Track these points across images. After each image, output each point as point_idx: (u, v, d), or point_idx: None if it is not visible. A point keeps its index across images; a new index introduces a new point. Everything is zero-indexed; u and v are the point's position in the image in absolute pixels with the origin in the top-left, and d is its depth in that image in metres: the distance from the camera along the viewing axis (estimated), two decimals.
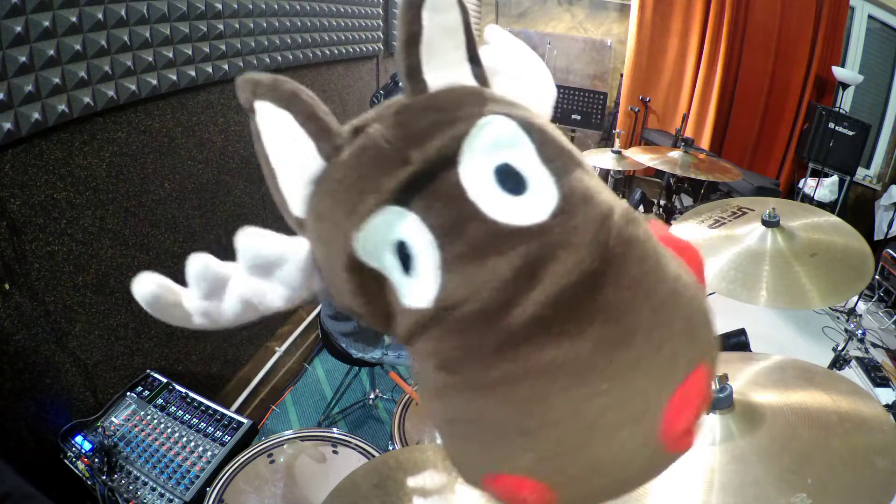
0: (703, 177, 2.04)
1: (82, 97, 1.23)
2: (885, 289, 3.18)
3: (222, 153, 1.82)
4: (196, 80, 1.60)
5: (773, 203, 1.20)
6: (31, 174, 1.17)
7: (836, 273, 1.01)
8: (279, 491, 1.06)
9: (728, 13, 4.06)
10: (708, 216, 1.27)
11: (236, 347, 2.05)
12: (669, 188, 2.72)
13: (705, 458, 0.62)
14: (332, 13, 2.33)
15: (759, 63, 4.17)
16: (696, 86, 4.33)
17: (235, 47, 1.75)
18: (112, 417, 1.39)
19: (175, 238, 1.65)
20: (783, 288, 1.01)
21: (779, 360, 0.79)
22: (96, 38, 1.24)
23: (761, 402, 0.67)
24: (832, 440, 0.60)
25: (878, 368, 2.53)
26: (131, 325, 1.52)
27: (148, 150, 1.50)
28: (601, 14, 4.81)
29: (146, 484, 1.24)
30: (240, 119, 1.89)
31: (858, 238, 1.10)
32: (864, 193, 3.92)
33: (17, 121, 1.09)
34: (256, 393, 2.12)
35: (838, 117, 3.54)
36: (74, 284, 1.32)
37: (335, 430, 1.18)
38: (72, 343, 1.34)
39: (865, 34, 3.92)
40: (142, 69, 1.39)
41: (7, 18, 1.04)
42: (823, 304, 1.00)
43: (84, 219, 1.32)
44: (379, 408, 2.20)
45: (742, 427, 0.64)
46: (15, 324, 1.19)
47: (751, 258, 1.09)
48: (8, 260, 1.15)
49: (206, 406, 1.40)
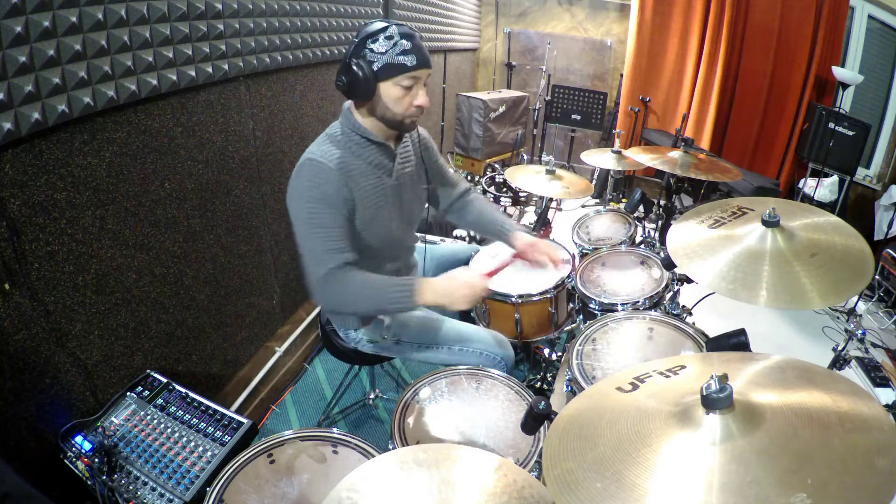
0: (703, 177, 2.04)
1: (82, 97, 1.23)
2: (885, 289, 3.18)
3: (222, 153, 1.82)
4: (196, 80, 1.60)
5: (773, 203, 1.20)
6: (31, 174, 1.17)
7: (836, 273, 1.01)
8: (279, 491, 1.06)
9: (728, 13, 4.06)
10: (708, 216, 1.27)
11: (236, 347, 2.05)
12: (669, 188, 2.72)
13: (705, 458, 0.62)
14: (332, 13, 2.33)
15: (759, 63, 4.18)
16: (696, 86, 4.33)
17: (235, 47, 1.76)
18: (112, 417, 1.39)
19: (175, 238, 1.65)
20: (783, 288, 1.01)
21: (779, 360, 0.79)
22: (96, 38, 1.24)
23: (761, 402, 0.67)
24: (832, 440, 0.60)
25: (878, 368, 2.53)
26: (131, 325, 1.52)
27: (148, 150, 1.50)
28: (601, 14, 4.82)
29: (146, 484, 1.24)
30: (240, 119, 1.89)
31: (858, 238, 1.10)
32: (864, 193, 3.92)
33: (17, 121, 1.09)
34: (256, 393, 2.12)
35: (838, 117, 3.54)
36: (74, 284, 1.32)
37: (335, 430, 1.18)
38: (72, 343, 1.34)
39: (865, 34, 3.92)
40: (142, 69, 1.39)
41: (7, 18, 1.04)
42: (823, 304, 0.99)
43: (84, 219, 1.32)
44: (379, 408, 2.21)
45: (742, 427, 0.64)
46: (15, 324, 1.19)
47: (751, 258, 1.09)
48: (8, 260, 1.15)
49: (206, 406, 1.40)
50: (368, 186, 1.38)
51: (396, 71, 1.28)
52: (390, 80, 1.29)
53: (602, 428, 0.73)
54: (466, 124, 4.25)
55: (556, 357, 2.08)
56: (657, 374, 0.83)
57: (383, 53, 1.27)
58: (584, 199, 4.52)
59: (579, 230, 2.38)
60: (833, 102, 3.81)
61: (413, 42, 1.28)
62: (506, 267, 1.49)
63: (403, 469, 0.88)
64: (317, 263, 1.32)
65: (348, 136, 1.38)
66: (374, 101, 1.33)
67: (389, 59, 1.27)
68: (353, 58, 1.28)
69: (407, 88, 1.31)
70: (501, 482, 0.87)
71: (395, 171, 1.45)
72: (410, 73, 1.29)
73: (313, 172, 1.31)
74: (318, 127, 2.40)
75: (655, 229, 2.85)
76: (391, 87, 1.30)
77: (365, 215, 1.38)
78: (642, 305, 1.73)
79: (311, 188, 1.30)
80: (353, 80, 1.29)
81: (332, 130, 1.41)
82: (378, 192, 1.41)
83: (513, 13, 5.03)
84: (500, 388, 1.35)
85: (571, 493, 0.64)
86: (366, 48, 1.27)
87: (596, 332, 1.51)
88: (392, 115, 1.34)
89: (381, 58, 1.27)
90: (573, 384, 1.37)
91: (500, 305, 1.81)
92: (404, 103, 1.32)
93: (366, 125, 1.38)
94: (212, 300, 1.86)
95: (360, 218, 1.38)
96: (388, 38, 1.26)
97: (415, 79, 1.31)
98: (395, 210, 1.47)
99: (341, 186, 1.32)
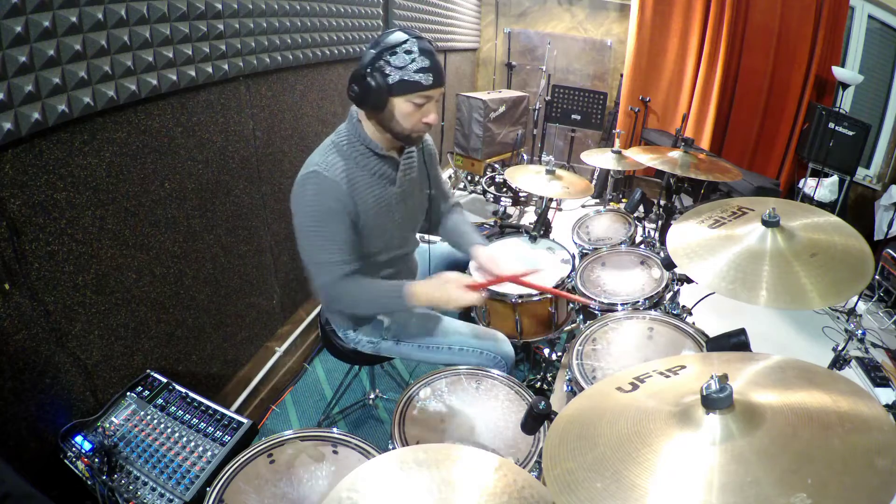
0: (703, 177, 2.04)
1: (82, 97, 1.23)
2: (885, 289, 3.18)
3: (222, 153, 1.82)
4: (196, 80, 1.60)
5: (773, 203, 1.20)
6: (31, 174, 1.17)
7: (836, 273, 1.01)
8: (279, 491, 1.06)
9: (728, 13, 4.06)
10: (708, 216, 1.27)
11: (236, 347, 2.05)
12: (669, 188, 2.72)
13: (705, 458, 0.62)
14: (332, 13, 2.33)
15: (759, 63, 4.18)
16: (696, 86, 4.33)
17: (235, 47, 1.76)
18: (112, 417, 1.39)
19: (175, 238, 1.65)
20: (783, 288, 1.01)
21: (779, 360, 0.79)
22: (96, 38, 1.24)
23: (761, 402, 0.67)
24: (832, 440, 0.60)
25: (878, 368, 2.53)
26: (131, 325, 1.52)
27: (148, 150, 1.50)
28: (601, 14, 4.82)
29: (146, 484, 1.24)
30: (240, 119, 1.89)
31: (858, 238, 1.10)
32: (864, 193, 3.92)
33: (17, 121, 1.09)
34: (256, 393, 2.12)
35: (838, 117, 3.54)
36: (74, 284, 1.32)
37: (335, 430, 1.18)
38: (72, 343, 1.34)
39: (865, 34, 3.92)
40: (142, 69, 1.39)
41: (7, 18, 1.04)
42: (823, 304, 0.99)
43: (84, 219, 1.32)
44: (379, 408, 2.21)
45: (742, 427, 0.64)
46: (15, 324, 1.19)
47: (751, 258, 1.09)
48: (8, 260, 1.15)
49: (206, 406, 1.40)
50: (371, 197, 1.39)
51: (411, 88, 1.26)
52: (403, 97, 1.27)
53: (602, 428, 0.73)
54: (466, 124, 4.25)
55: (556, 357, 2.08)
56: (657, 374, 0.83)
57: (400, 68, 1.24)
58: (584, 199, 4.52)
59: (579, 230, 2.39)
60: (833, 102, 3.81)
61: (432, 60, 1.27)
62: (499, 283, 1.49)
63: (403, 469, 0.88)
64: (319, 273, 1.36)
65: (353, 147, 1.38)
66: (384, 113, 1.31)
67: (406, 76, 1.25)
68: (369, 68, 1.26)
69: (419, 105, 1.29)
70: (501, 482, 0.87)
71: (398, 179, 1.46)
72: (425, 92, 1.28)
73: (319, 186, 1.31)
74: (318, 127, 2.40)
75: (655, 229, 2.85)
76: (403, 102, 1.28)
77: (368, 223, 1.40)
78: (642, 305, 1.73)
79: (316, 203, 1.31)
80: (365, 91, 1.27)
81: (337, 138, 1.40)
82: (381, 201, 1.42)
83: (513, 13, 5.03)
84: (500, 388, 1.35)
85: (571, 493, 0.64)
86: (382, 60, 1.25)
87: (596, 332, 1.51)
88: (401, 129, 1.34)
89: (398, 73, 1.25)
90: (573, 384, 1.37)
91: (500, 305, 1.81)
92: (413, 119, 1.32)
93: (373, 136, 1.38)
94: (212, 300, 1.86)
95: (362, 226, 1.39)
96: (408, 52, 1.24)
97: (428, 98, 1.30)
98: (397, 217, 1.48)
99: (346, 200, 1.33)
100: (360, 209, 1.36)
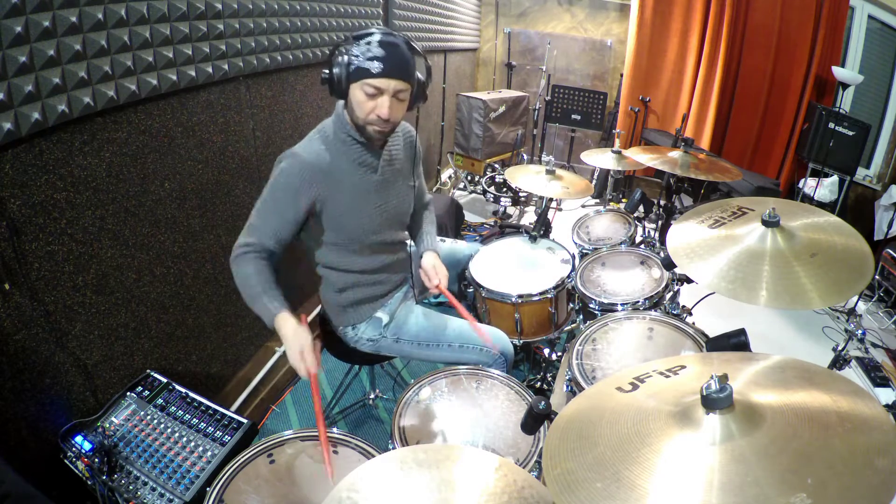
0: (703, 177, 2.04)
1: (82, 97, 1.23)
2: (885, 289, 3.18)
3: (222, 153, 1.82)
4: (196, 80, 1.60)
5: (773, 203, 1.20)
6: (31, 174, 1.17)
7: (836, 273, 1.01)
8: (279, 491, 1.06)
9: (728, 13, 4.06)
10: (708, 216, 1.27)
11: (236, 347, 2.05)
12: (669, 188, 2.72)
13: (705, 458, 0.62)
14: (332, 13, 2.33)
15: (759, 63, 4.18)
16: (696, 86, 4.33)
17: (235, 47, 1.76)
18: (112, 417, 1.39)
19: (175, 238, 1.65)
20: (783, 288, 1.01)
21: (779, 360, 0.79)
22: (96, 38, 1.24)
23: (761, 402, 0.67)
24: (832, 440, 0.60)
25: (878, 368, 2.53)
26: (131, 325, 1.52)
27: (148, 150, 1.50)
28: (601, 14, 4.82)
29: (146, 484, 1.24)
30: (240, 119, 1.89)
31: (858, 238, 1.09)
32: (864, 193, 3.92)
33: (17, 121, 1.09)
34: (256, 393, 2.12)
35: (838, 117, 3.54)
36: (74, 284, 1.32)
37: (335, 430, 1.18)
38: (72, 343, 1.34)
39: (865, 34, 3.92)
40: (142, 69, 1.39)
41: (7, 18, 1.04)
42: (823, 304, 0.99)
43: (84, 219, 1.32)
44: (379, 408, 2.21)
45: (742, 427, 0.64)
46: (15, 324, 1.19)
47: (751, 258, 1.09)
48: (8, 260, 1.15)
49: (206, 406, 1.40)
50: (349, 183, 1.42)
51: (361, 75, 1.30)
52: (357, 83, 1.32)
53: (602, 428, 0.73)
54: (466, 124, 4.25)
55: (556, 357, 2.08)
56: (657, 374, 0.83)
57: (357, 56, 1.29)
58: (584, 199, 4.52)
59: (579, 230, 2.39)
60: (833, 102, 3.82)
61: (387, 50, 1.29)
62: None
63: (403, 469, 0.88)
64: (244, 234, 1.38)
65: (337, 135, 1.42)
66: (348, 102, 1.37)
67: (359, 63, 1.30)
68: (334, 55, 1.32)
69: (370, 95, 1.32)
70: (501, 482, 0.87)
71: (380, 168, 1.48)
72: (372, 79, 1.29)
73: (290, 164, 1.37)
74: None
75: (655, 229, 2.85)
76: (357, 90, 1.33)
77: (341, 206, 1.42)
78: (642, 305, 1.73)
79: (282, 176, 1.37)
80: (329, 77, 1.34)
81: (324, 127, 1.45)
82: (358, 187, 1.44)
83: (513, 13, 5.03)
84: (500, 388, 1.35)
85: (571, 493, 0.64)
86: (346, 47, 1.31)
87: (596, 332, 1.51)
88: (356, 118, 1.37)
89: (355, 60, 1.30)
90: (573, 384, 1.37)
91: (500, 305, 1.81)
92: (366, 109, 1.34)
93: (352, 125, 1.41)
94: (212, 300, 1.86)
95: (333, 209, 1.41)
96: (368, 42, 1.29)
97: (378, 89, 1.31)
98: (376, 204, 1.49)
99: (315, 181, 1.36)
100: (331, 192, 1.39)
